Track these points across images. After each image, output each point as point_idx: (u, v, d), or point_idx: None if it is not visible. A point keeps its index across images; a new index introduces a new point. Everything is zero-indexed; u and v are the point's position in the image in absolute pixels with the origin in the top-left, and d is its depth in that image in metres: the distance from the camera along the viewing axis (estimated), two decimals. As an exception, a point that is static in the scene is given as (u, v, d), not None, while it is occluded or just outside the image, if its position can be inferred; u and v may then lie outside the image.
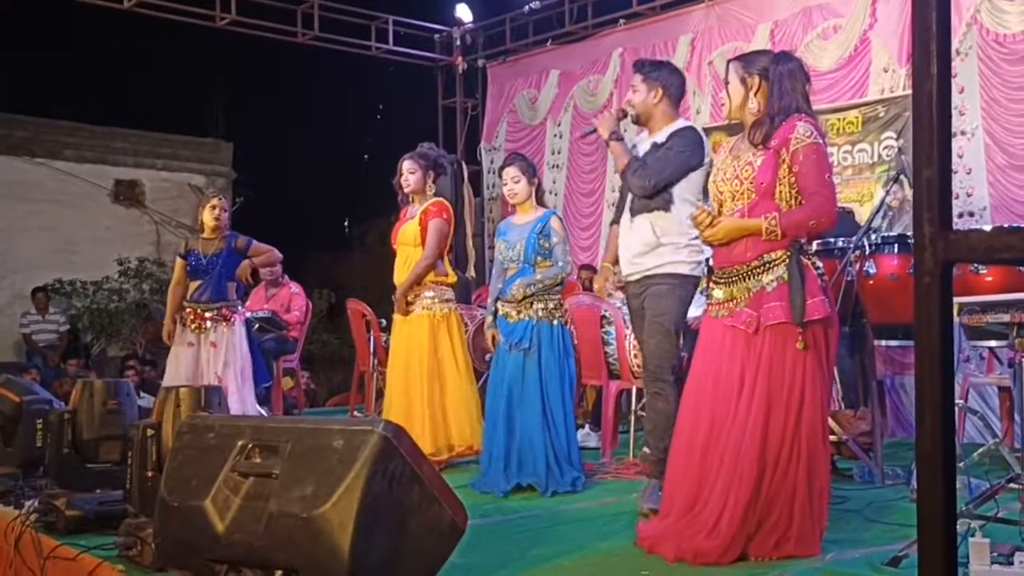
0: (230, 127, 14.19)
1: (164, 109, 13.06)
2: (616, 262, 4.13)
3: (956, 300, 4.35)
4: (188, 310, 5.56)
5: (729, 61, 3.34)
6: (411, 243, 5.07)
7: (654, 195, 3.86)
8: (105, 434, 3.76)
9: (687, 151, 3.85)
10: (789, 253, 3.03)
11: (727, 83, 3.27)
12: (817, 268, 3.10)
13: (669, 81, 3.97)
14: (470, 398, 5.03)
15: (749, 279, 3.08)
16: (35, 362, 10.34)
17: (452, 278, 5.17)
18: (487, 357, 5.43)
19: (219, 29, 9.51)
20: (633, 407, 5.41)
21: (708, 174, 3.59)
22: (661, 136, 3.94)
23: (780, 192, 3.06)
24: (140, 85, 13.16)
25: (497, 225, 10.27)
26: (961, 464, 4.05)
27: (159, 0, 9.02)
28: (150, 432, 3.11)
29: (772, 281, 3.03)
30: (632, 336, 5.28)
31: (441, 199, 5.16)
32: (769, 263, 3.05)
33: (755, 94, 3.19)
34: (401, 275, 5.09)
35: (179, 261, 5.75)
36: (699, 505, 3.07)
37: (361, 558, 2.24)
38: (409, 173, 5.09)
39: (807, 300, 2.97)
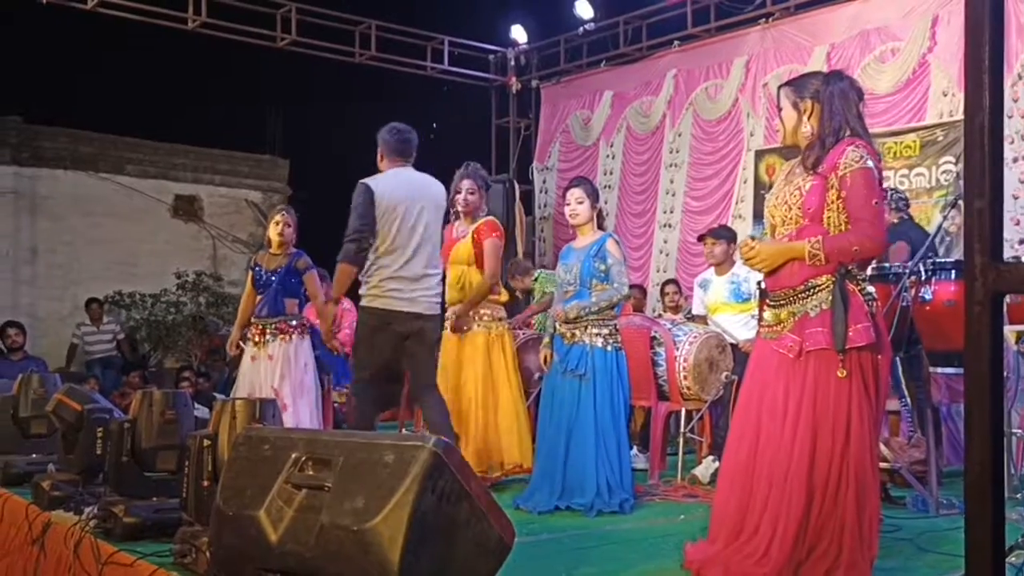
0: (287, 144, 14.42)
1: (223, 126, 13.32)
2: None
3: (1015, 328, 4.27)
4: (252, 324, 5.70)
5: (780, 87, 3.31)
6: (464, 261, 5.12)
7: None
8: (163, 443, 3.81)
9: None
10: (834, 279, 3.00)
11: (780, 109, 3.26)
12: (868, 294, 3.04)
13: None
14: (521, 417, 5.06)
15: (795, 303, 3.06)
16: (94, 372, 10.57)
17: (505, 296, 5.22)
18: (535, 376, 5.44)
19: (279, 49, 9.72)
20: (682, 428, 5.39)
21: None
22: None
23: (828, 217, 3.03)
24: (201, 103, 13.45)
25: (548, 244, 10.34)
26: (1018, 495, 3.97)
27: (221, 20, 9.25)
28: (206, 443, 3.16)
29: (816, 307, 3.00)
30: (682, 358, 5.27)
31: (492, 218, 5.21)
32: (814, 288, 3.02)
33: (808, 118, 3.16)
34: (453, 293, 5.14)
35: (249, 273, 5.92)
36: (747, 531, 3.05)
37: (410, 572, 2.27)
38: (469, 193, 5.15)
39: (851, 326, 2.92)
